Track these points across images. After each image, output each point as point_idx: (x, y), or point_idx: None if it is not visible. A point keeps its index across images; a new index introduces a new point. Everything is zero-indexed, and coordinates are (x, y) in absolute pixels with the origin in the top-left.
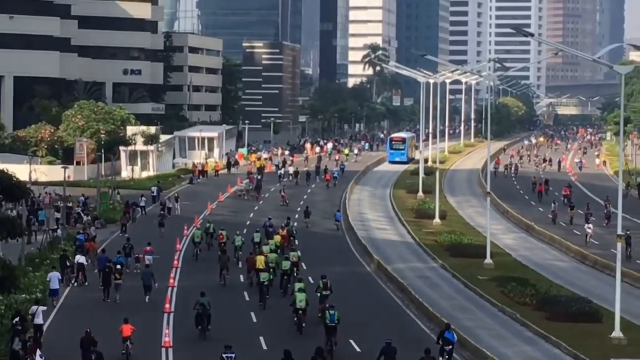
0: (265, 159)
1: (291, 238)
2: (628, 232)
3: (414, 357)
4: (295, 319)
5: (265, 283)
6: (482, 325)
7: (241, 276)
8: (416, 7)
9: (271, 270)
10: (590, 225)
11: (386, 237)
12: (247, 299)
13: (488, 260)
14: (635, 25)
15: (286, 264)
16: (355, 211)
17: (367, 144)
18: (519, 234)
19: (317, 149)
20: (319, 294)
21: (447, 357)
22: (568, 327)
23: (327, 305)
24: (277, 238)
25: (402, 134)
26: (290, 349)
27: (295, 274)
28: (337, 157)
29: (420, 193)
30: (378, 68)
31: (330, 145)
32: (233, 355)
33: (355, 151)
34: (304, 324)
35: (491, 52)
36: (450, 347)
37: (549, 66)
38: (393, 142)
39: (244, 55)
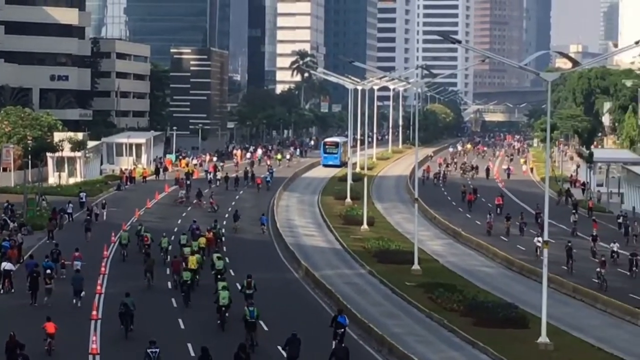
0: (195, 165)
1: (218, 241)
2: (570, 244)
3: None
4: (219, 315)
5: (188, 282)
6: (410, 331)
7: (169, 283)
8: (344, 14)
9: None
10: (540, 238)
11: (314, 244)
12: (174, 305)
13: (416, 266)
14: (562, 33)
15: (220, 264)
16: (284, 217)
17: (297, 150)
18: (447, 240)
19: (248, 155)
20: (243, 293)
21: (339, 339)
22: (495, 333)
23: (247, 302)
24: (202, 240)
25: (336, 139)
26: (212, 346)
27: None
28: (268, 162)
29: (349, 199)
30: (306, 74)
31: (260, 151)
32: (157, 350)
33: (288, 156)
34: (226, 322)
35: (419, 58)
36: (343, 330)
37: (476, 73)
38: (327, 147)
39: (172, 61)
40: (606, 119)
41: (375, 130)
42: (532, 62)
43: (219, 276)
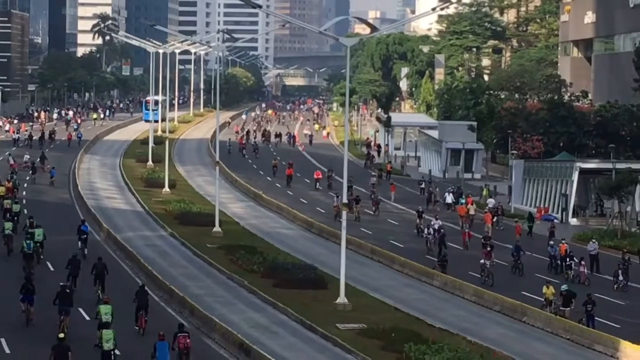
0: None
1: (15, 189)
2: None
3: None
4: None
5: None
6: (211, 292)
7: None
8: None
9: None
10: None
11: (116, 206)
12: None
13: (217, 228)
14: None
15: (16, 207)
16: (85, 180)
17: (107, 112)
18: (248, 203)
19: (55, 116)
20: (26, 232)
21: (84, 244)
22: (295, 294)
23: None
24: (1, 189)
25: (156, 97)
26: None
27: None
28: (79, 122)
29: (150, 162)
30: (108, 38)
31: (71, 113)
32: None
33: (102, 116)
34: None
35: (220, 23)
36: (85, 236)
37: (277, 38)
38: (148, 104)
39: None
40: (404, 84)
41: (176, 94)
42: (331, 27)
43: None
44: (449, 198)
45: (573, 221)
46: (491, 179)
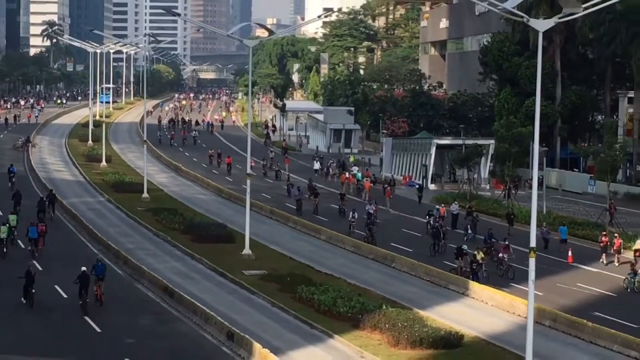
0: None
1: None
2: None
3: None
4: None
5: None
6: (141, 246)
7: None
8: None
9: None
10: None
11: (63, 177)
12: None
13: (145, 194)
14: (260, 8)
15: None
16: (37, 157)
17: (66, 100)
18: (170, 174)
19: (22, 103)
20: None
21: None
22: (209, 247)
23: None
24: None
25: (108, 85)
26: None
27: None
28: (42, 106)
29: (90, 142)
30: (55, 40)
31: (31, 100)
32: None
33: (64, 101)
34: None
35: (147, 28)
36: (13, 175)
37: (193, 40)
38: (104, 89)
39: None
40: (295, 77)
41: (107, 86)
42: (237, 31)
43: None
44: (316, 165)
45: (432, 187)
46: (366, 153)
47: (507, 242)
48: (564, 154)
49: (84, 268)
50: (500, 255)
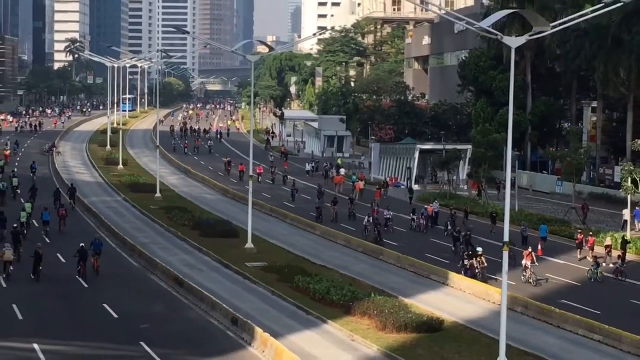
0: (2, 119)
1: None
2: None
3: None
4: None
5: None
6: (154, 241)
7: None
8: (104, 11)
9: None
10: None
11: (83, 179)
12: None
13: (158, 194)
14: (261, 27)
15: (15, 181)
16: (60, 160)
17: (90, 108)
18: (180, 176)
19: (49, 112)
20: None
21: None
22: (215, 241)
23: None
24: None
25: (129, 96)
26: None
27: None
28: (70, 114)
29: (109, 146)
30: (76, 55)
31: (57, 110)
32: None
33: (89, 110)
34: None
35: (159, 44)
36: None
37: (200, 55)
38: (125, 99)
39: None
40: (293, 89)
41: (127, 96)
42: (240, 47)
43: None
44: (308, 167)
45: (415, 187)
46: (356, 157)
47: (530, 249)
48: (534, 158)
49: (82, 244)
50: (524, 262)
